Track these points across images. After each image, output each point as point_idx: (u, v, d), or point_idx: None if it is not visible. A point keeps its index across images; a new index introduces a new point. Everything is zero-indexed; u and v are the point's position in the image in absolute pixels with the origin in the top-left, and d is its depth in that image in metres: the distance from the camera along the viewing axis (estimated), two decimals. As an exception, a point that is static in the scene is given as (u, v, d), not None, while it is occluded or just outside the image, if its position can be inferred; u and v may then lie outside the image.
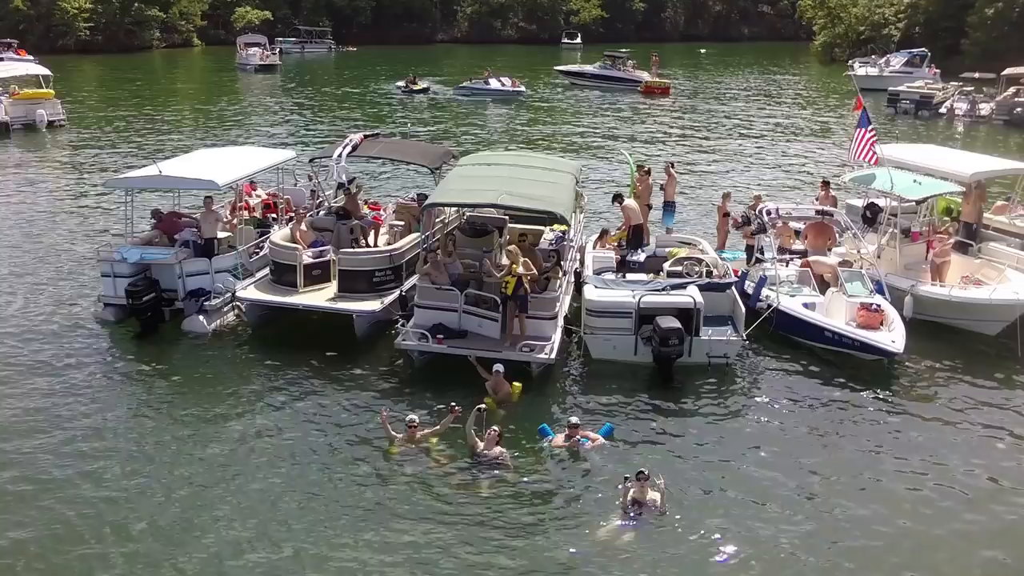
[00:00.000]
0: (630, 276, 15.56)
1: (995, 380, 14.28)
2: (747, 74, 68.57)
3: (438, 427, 12.04)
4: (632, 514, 10.37)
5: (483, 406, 12.03)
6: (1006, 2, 62.47)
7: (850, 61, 62.52)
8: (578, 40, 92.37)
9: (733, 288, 15.18)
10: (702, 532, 10.24)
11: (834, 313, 15.46)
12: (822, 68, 74.79)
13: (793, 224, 17.81)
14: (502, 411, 12.88)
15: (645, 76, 54.15)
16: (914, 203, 17.65)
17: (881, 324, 14.79)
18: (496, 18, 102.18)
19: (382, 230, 17.68)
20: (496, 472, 11.36)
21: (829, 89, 59.66)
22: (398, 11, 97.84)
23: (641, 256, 16.93)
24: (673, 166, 21.02)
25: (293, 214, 17.79)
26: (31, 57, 55.73)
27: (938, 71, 56.36)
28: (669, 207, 20.02)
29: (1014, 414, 13.19)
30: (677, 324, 13.57)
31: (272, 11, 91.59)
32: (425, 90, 52.30)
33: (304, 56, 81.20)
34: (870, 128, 17.22)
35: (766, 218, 16.36)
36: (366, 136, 18.43)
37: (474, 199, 15.22)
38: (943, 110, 44.23)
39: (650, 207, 19.08)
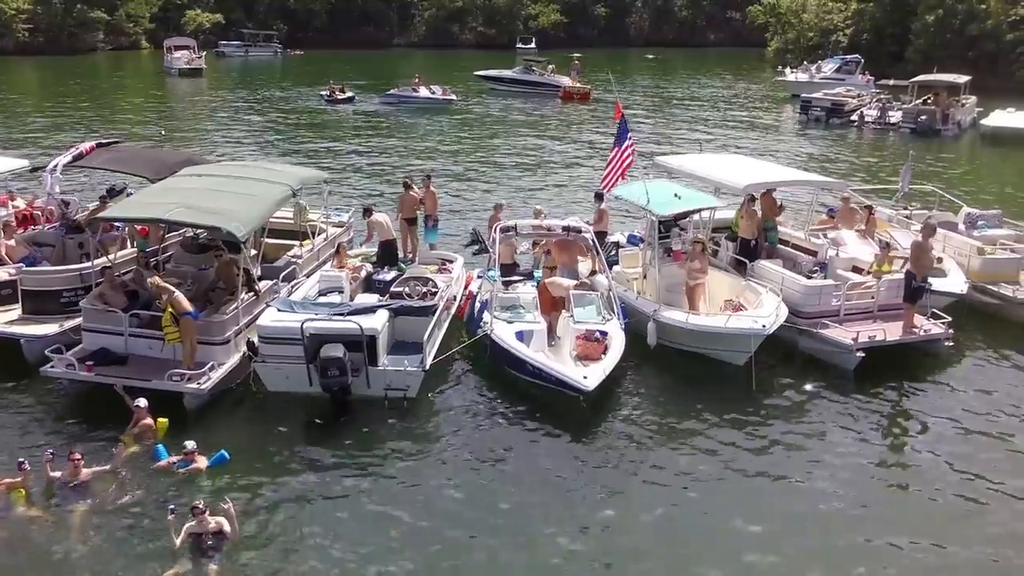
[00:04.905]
0: (327, 299, 14.22)
1: (711, 419, 13.05)
2: (690, 80, 67.33)
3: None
4: (198, 547, 9.44)
5: None
6: (946, 10, 61.45)
7: (780, 67, 61.37)
8: (532, 45, 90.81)
9: (435, 314, 13.92)
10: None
11: (563, 341, 14.30)
12: (774, 74, 73.48)
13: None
14: (140, 446, 11.76)
15: (565, 81, 52.78)
16: (671, 219, 16.43)
17: (603, 354, 13.56)
18: (454, 23, 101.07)
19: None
20: (83, 500, 10.55)
21: (760, 95, 58.50)
22: (355, 15, 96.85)
23: (388, 275, 15.80)
24: (429, 178, 19.59)
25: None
26: None
27: (871, 78, 55.22)
28: (431, 222, 18.78)
29: (711, 465, 11.95)
30: (339, 353, 12.34)
31: (225, 14, 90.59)
32: (350, 99, 49.57)
33: (248, 60, 79.66)
34: (628, 142, 15.95)
35: (497, 236, 15.17)
36: (99, 144, 17.23)
37: (142, 213, 14.03)
38: (854, 118, 43.11)
39: (413, 221, 17.95)
